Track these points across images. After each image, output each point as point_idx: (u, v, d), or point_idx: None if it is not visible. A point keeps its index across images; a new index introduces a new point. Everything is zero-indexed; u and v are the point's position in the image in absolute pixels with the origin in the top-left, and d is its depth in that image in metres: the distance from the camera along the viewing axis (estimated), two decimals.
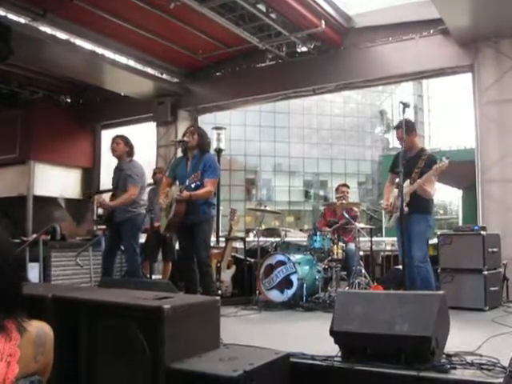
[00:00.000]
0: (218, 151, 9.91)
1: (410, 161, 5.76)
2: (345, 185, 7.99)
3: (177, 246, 7.78)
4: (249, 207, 28.33)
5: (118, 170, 6.47)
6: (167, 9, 7.28)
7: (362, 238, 7.33)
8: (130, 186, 6.30)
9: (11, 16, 7.41)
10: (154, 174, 8.25)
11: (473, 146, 8.10)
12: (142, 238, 8.50)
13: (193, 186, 5.46)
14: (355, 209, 7.57)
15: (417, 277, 5.63)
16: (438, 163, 5.52)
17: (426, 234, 5.87)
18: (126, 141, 6.52)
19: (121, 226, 6.32)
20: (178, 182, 5.80)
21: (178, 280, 7.12)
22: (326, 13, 7.98)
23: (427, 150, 6.23)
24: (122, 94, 10.59)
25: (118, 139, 6.51)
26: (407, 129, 5.73)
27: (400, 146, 5.79)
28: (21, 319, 1.76)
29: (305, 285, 6.34)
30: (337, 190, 8.00)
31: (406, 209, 5.59)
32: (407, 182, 5.70)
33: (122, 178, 6.34)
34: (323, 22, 7.95)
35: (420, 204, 5.74)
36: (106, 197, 6.66)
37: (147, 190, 8.62)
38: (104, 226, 6.97)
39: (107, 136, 12.08)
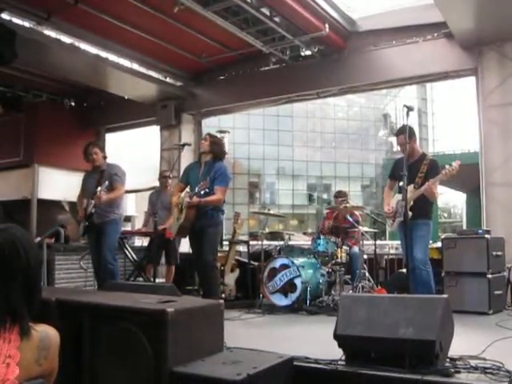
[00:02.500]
0: None
1: (412, 166, 5.69)
2: (339, 195, 7.91)
3: (180, 250, 7.81)
4: (252, 210, 28.38)
5: (98, 173, 6.39)
6: (171, 12, 7.30)
7: (365, 242, 7.32)
8: (117, 184, 6.30)
9: (16, 20, 7.44)
10: (163, 176, 8.22)
11: (477, 150, 8.09)
12: (146, 242, 8.53)
13: (202, 192, 5.55)
14: (357, 213, 7.56)
15: (416, 280, 5.61)
16: (448, 167, 5.49)
17: (427, 237, 5.86)
18: (101, 148, 6.59)
19: (104, 226, 6.25)
20: (189, 187, 5.83)
21: (181, 283, 7.13)
22: (330, 16, 7.99)
23: (428, 155, 6.20)
24: (126, 97, 10.62)
25: (94, 149, 6.46)
26: (409, 134, 5.71)
27: (401, 153, 5.73)
28: (25, 322, 1.76)
29: (308, 288, 6.34)
30: (335, 197, 7.97)
31: (409, 213, 5.58)
32: (411, 186, 5.66)
33: (106, 178, 6.29)
34: (327, 25, 7.95)
35: (422, 209, 5.72)
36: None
37: (148, 193, 8.66)
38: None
39: (111, 139, 12.13)
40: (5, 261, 1.79)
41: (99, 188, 6.09)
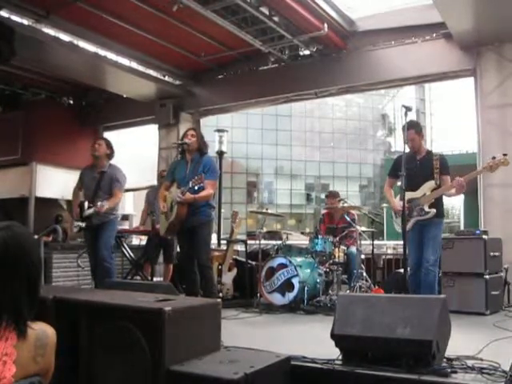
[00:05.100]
0: (220, 154, 9.92)
1: (422, 162, 5.67)
2: (331, 195, 7.89)
3: (177, 249, 7.80)
4: (250, 210, 28.34)
5: (98, 173, 6.41)
6: (170, 11, 7.28)
7: (363, 242, 7.32)
8: (116, 190, 6.32)
9: (14, 17, 7.42)
10: (162, 176, 8.17)
11: (475, 150, 8.09)
12: (143, 240, 8.52)
13: (196, 188, 5.42)
14: (352, 211, 7.55)
15: (421, 281, 5.59)
16: (492, 160, 5.31)
17: (440, 237, 5.79)
18: (107, 143, 6.58)
19: (102, 226, 6.27)
20: (176, 185, 5.76)
21: (178, 282, 7.13)
22: (329, 16, 7.98)
23: (433, 151, 6.10)
24: (125, 95, 10.61)
25: (100, 140, 6.57)
26: (418, 130, 5.69)
27: (405, 149, 5.47)
28: (22, 320, 1.76)
29: (306, 288, 6.34)
30: (327, 197, 7.96)
31: (433, 210, 5.53)
32: (431, 183, 5.59)
33: (106, 181, 6.32)
34: (326, 25, 7.94)
35: (439, 208, 5.66)
36: None
37: (146, 191, 8.66)
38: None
39: (110, 138, 12.10)
40: (9, 259, 1.79)
41: (99, 203, 6.06)
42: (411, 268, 5.54)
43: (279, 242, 7.68)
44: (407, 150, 5.50)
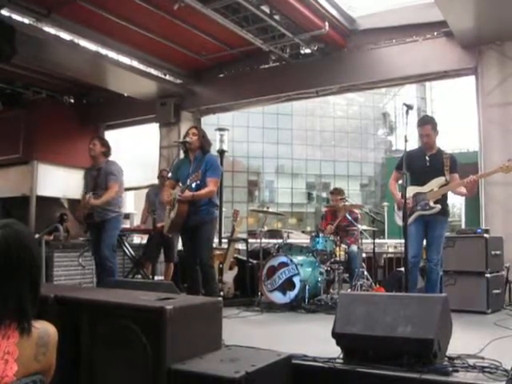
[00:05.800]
0: (221, 152, 9.90)
1: (432, 160, 5.62)
2: (336, 192, 7.85)
3: (179, 247, 7.81)
4: (251, 209, 28.27)
5: (95, 170, 6.45)
6: (171, 10, 7.29)
7: (364, 240, 7.32)
8: (111, 182, 6.31)
9: (15, 16, 7.42)
10: (162, 175, 8.18)
11: (476, 149, 8.09)
12: (144, 239, 8.53)
13: (193, 185, 5.47)
14: (356, 210, 7.54)
15: (417, 279, 5.57)
16: (510, 161, 5.28)
17: (444, 237, 5.70)
18: (102, 142, 6.60)
19: (104, 224, 6.27)
20: (180, 184, 5.79)
21: (180, 281, 7.13)
22: (330, 15, 7.98)
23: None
24: (126, 94, 10.61)
25: (94, 140, 6.58)
26: (434, 125, 5.65)
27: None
28: (24, 319, 1.76)
29: (307, 286, 6.35)
30: (332, 193, 7.94)
31: (438, 206, 5.48)
32: (441, 179, 5.52)
33: (102, 176, 6.34)
34: (327, 23, 7.95)
35: (444, 206, 5.60)
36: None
37: (146, 190, 8.65)
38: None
39: (111, 137, 12.11)
40: (12, 256, 1.78)
41: (88, 195, 6.13)
42: (409, 263, 5.41)
43: (280, 241, 7.69)
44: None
